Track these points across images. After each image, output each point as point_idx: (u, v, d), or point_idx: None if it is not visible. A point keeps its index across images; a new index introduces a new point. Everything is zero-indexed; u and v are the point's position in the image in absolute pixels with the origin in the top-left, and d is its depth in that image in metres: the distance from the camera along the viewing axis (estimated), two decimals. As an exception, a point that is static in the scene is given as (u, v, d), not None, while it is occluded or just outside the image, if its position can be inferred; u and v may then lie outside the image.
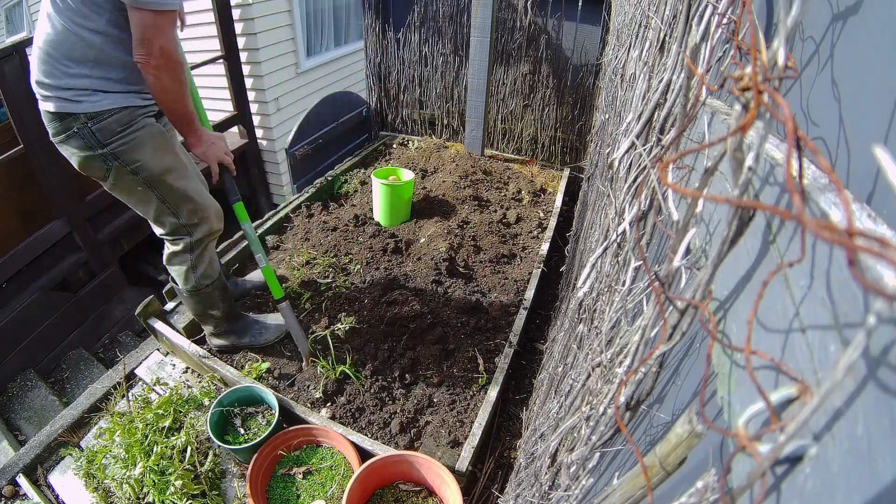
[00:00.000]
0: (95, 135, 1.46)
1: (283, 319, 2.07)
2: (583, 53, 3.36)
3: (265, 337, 2.08)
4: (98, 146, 1.47)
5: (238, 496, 1.69)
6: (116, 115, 1.47)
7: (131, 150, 1.52)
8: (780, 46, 0.27)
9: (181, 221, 1.71)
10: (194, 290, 1.87)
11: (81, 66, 1.40)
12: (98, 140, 1.47)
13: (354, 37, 5.86)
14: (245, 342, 2.06)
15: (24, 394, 3.05)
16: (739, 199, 0.24)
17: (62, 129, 1.45)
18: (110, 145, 1.48)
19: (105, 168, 1.52)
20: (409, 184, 2.83)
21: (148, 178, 1.58)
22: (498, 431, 2.05)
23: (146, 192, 1.61)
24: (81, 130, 1.44)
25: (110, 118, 1.46)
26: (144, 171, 1.56)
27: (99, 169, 1.53)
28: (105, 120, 1.46)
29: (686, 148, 0.62)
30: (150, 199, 1.64)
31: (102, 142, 1.47)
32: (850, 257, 0.18)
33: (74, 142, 1.47)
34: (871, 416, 0.22)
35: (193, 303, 1.93)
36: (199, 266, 1.83)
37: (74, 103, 1.42)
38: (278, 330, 2.10)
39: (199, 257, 1.82)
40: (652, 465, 0.40)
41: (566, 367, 1.09)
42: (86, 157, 1.49)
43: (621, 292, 0.64)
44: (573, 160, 3.78)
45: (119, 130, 1.48)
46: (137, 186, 1.59)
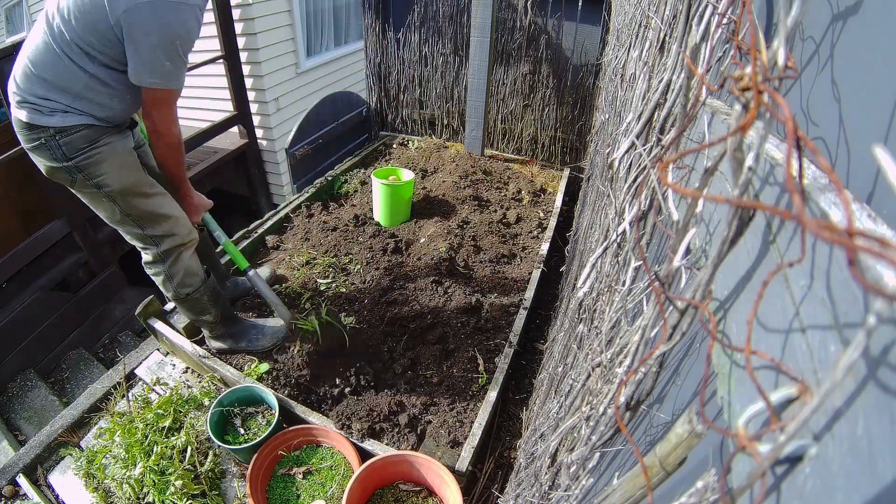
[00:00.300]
0: (62, 148, 1.49)
1: (281, 323, 2.08)
2: (583, 53, 3.36)
3: (262, 343, 2.06)
4: (63, 159, 1.50)
5: (238, 496, 1.69)
6: (84, 132, 1.50)
7: (94, 165, 1.55)
8: (780, 46, 0.27)
9: (146, 233, 1.72)
10: (186, 298, 1.87)
11: (62, 93, 1.44)
12: (64, 153, 1.50)
13: (354, 37, 5.86)
14: (242, 346, 2.05)
15: (24, 394, 3.05)
16: (739, 199, 0.24)
17: (32, 138, 1.48)
18: (75, 159, 1.51)
19: (70, 179, 1.56)
20: (409, 184, 2.83)
21: (110, 193, 1.61)
22: (498, 431, 2.05)
23: (110, 205, 1.64)
24: (48, 142, 1.47)
25: (77, 133, 1.49)
26: (106, 187, 1.59)
27: (64, 179, 1.57)
28: (72, 135, 1.48)
29: (686, 148, 0.62)
30: (114, 212, 1.66)
31: (68, 156, 1.50)
32: (850, 257, 0.18)
33: (41, 152, 1.50)
34: (871, 416, 0.22)
35: (185, 309, 1.95)
36: (175, 276, 1.82)
37: (45, 116, 1.45)
38: (275, 336, 2.08)
39: (172, 267, 1.81)
40: (652, 465, 0.40)
41: (566, 367, 1.09)
42: (52, 167, 1.52)
43: (621, 292, 0.64)
44: (573, 160, 3.78)
45: (84, 147, 1.51)
46: (102, 198, 1.62)
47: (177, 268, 1.82)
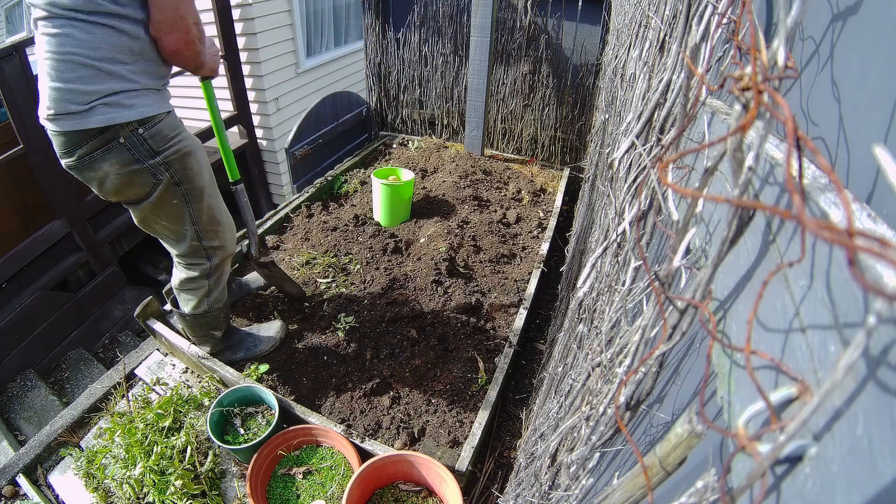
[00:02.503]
0: (147, 142, 1.29)
1: (276, 327, 2.08)
2: (583, 53, 3.37)
3: (260, 349, 2.05)
4: (148, 156, 1.30)
5: (238, 496, 1.69)
6: (166, 120, 1.33)
7: (182, 159, 1.38)
8: (780, 46, 0.27)
9: (203, 244, 1.61)
10: (204, 314, 1.80)
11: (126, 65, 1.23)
12: (151, 148, 1.30)
13: (354, 37, 5.86)
14: (240, 356, 2.03)
15: (24, 394, 3.05)
16: (739, 199, 0.24)
17: (100, 143, 1.24)
18: (164, 153, 1.32)
19: (152, 183, 1.34)
20: (409, 184, 2.83)
21: (189, 192, 1.44)
22: (498, 431, 2.05)
23: (181, 209, 1.47)
24: (129, 139, 1.26)
25: (161, 122, 1.31)
26: (188, 184, 1.43)
27: (143, 185, 1.34)
28: (157, 125, 1.30)
29: (686, 148, 0.62)
30: (183, 218, 1.49)
31: (155, 150, 1.31)
32: (850, 257, 0.18)
33: (116, 156, 1.26)
34: (871, 416, 0.22)
35: (198, 326, 1.86)
36: (215, 291, 1.77)
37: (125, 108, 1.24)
38: (271, 341, 2.07)
39: (216, 282, 1.75)
40: (652, 464, 0.40)
41: (566, 367, 1.09)
42: (130, 172, 1.29)
43: (621, 292, 0.64)
44: (573, 160, 3.78)
45: (172, 136, 1.34)
46: (174, 200, 1.43)
47: (219, 282, 1.76)
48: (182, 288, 1.74)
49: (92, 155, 1.26)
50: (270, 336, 2.07)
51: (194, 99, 4.95)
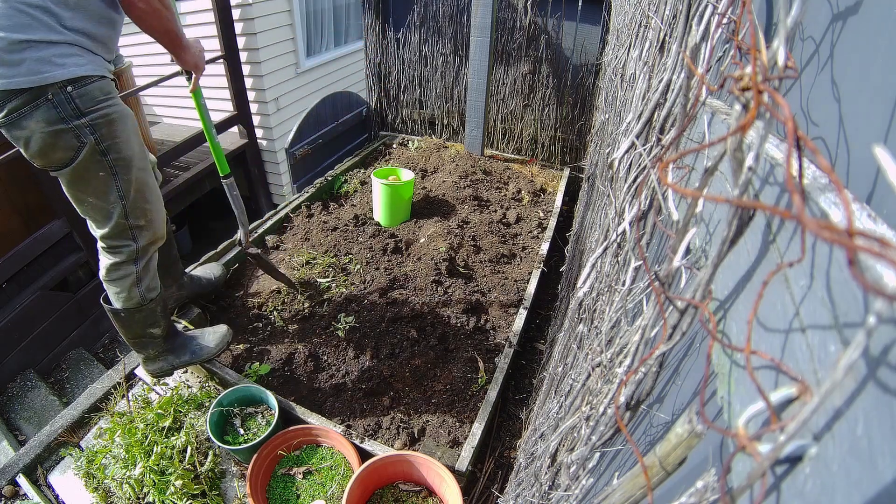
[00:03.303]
0: (75, 100, 1.25)
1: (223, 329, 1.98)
2: (583, 53, 3.37)
3: (206, 351, 1.91)
4: (74, 116, 1.26)
5: (238, 496, 1.69)
6: (98, 83, 1.29)
7: (110, 125, 1.34)
8: (780, 46, 0.27)
9: (129, 222, 1.52)
10: (137, 308, 1.67)
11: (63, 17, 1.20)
12: (77, 108, 1.26)
13: (354, 37, 5.86)
14: (185, 360, 1.88)
15: (24, 394, 3.05)
16: (739, 199, 0.24)
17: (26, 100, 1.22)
18: (90, 115, 1.28)
19: (76, 146, 1.30)
20: (409, 184, 2.83)
21: (116, 162, 1.39)
22: (498, 431, 2.05)
23: (107, 181, 1.41)
24: (56, 97, 1.23)
25: (92, 84, 1.28)
26: (114, 153, 1.37)
27: (66, 148, 1.30)
28: (88, 85, 1.27)
29: (686, 148, 0.62)
30: (109, 191, 1.42)
31: (82, 110, 1.27)
32: (850, 257, 0.18)
33: (42, 113, 1.24)
34: (871, 416, 0.22)
35: (133, 322, 1.71)
36: (145, 278, 1.65)
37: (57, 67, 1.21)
38: (220, 342, 1.94)
39: (145, 268, 1.65)
40: (652, 464, 0.40)
41: (566, 367, 1.09)
42: (54, 131, 1.26)
43: (621, 292, 0.64)
44: (573, 160, 3.78)
45: (101, 99, 1.30)
46: (100, 172, 1.38)
47: (148, 268, 1.66)
48: (109, 278, 1.62)
49: (21, 111, 1.23)
50: (217, 340, 1.94)
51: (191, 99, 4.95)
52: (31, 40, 1.18)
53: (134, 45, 4.62)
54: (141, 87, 3.43)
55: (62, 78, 1.23)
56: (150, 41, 1.52)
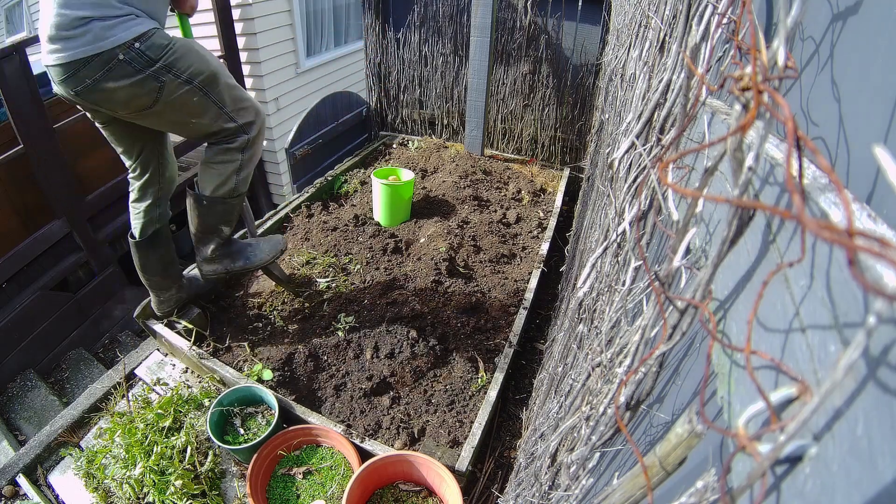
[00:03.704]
0: (146, 53, 1.40)
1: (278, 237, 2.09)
2: (583, 53, 3.37)
3: (260, 257, 1.99)
4: (148, 65, 1.42)
5: (238, 496, 1.69)
6: (157, 32, 1.45)
7: (182, 59, 1.48)
8: (780, 46, 0.27)
9: (239, 122, 1.66)
10: (225, 197, 1.78)
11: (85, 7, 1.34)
12: (149, 58, 1.41)
13: (354, 37, 5.86)
14: (239, 265, 1.97)
15: (24, 394, 3.05)
16: (739, 199, 0.24)
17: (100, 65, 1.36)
18: (162, 59, 1.43)
19: (157, 87, 1.45)
20: (409, 184, 2.83)
21: (204, 82, 1.53)
22: (498, 431, 2.05)
23: (203, 100, 1.56)
24: (128, 54, 1.38)
25: (154, 35, 1.43)
26: (200, 75, 1.52)
27: (149, 92, 1.46)
28: (151, 38, 1.41)
29: (686, 148, 0.62)
30: (208, 107, 1.58)
31: (154, 58, 1.42)
32: (850, 257, 0.18)
33: (118, 71, 1.38)
34: (871, 416, 0.22)
35: (212, 212, 1.82)
36: (246, 167, 1.76)
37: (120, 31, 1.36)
38: (273, 249, 2.03)
39: (250, 159, 1.76)
40: (652, 464, 0.40)
41: (566, 367, 1.09)
42: (134, 82, 1.41)
43: (621, 292, 0.64)
44: (573, 160, 3.78)
45: (165, 44, 1.45)
46: (193, 97, 1.53)
47: (252, 161, 1.77)
48: (213, 160, 1.72)
49: (95, 77, 1.38)
50: (270, 247, 2.03)
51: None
52: (92, 17, 1.33)
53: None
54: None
55: (127, 39, 1.37)
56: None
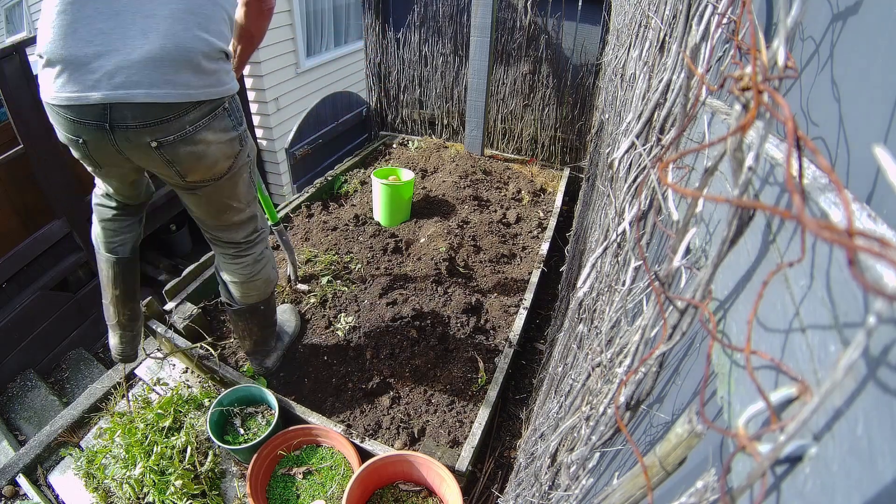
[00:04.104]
0: (237, 108, 1.28)
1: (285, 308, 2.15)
2: (583, 53, 3.37)
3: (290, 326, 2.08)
4: (239, 123, 1.29)
5: (238, 496, 1.69)
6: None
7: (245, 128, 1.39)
8: (780, 46, 0.27)
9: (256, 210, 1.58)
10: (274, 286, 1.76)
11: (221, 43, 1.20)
12: (240, 115, 1.29)
13: (354, 37, 5.86)
14: (286, 342, 2.04)
15: (24, 394, 3.05)
16: (739, 199, 0.24)
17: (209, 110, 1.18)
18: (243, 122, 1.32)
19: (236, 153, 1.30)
20: (409, 184, 2.83)
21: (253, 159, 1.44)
22: (498, 431, 2.05)
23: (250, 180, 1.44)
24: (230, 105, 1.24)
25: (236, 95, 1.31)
26: (253, 151, 1.42)
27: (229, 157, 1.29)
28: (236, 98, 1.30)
29: (686, 148, 0.62)
30: (251, 188, 1.45)
31: (241, 118, 1.30)
32: (850, 257, 0.18)
33: (220, 122, 1.21)
34: (871, 416, 0.22)
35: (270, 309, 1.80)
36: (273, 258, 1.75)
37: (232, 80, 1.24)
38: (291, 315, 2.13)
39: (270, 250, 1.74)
40: (652, 464, 0.40)
41: (566, 367, 1.09)
42: (228, 140, 1.26)
43: (621, 292, 0.64)
44: (573, 160, 3.78)
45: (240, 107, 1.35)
46: (246, 173, 1.41)
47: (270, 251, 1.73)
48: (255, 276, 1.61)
49: (198, 123, 1.17)
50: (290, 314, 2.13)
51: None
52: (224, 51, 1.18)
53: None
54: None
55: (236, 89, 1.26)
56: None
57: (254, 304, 1.72)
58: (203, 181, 1.30)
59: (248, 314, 1.74)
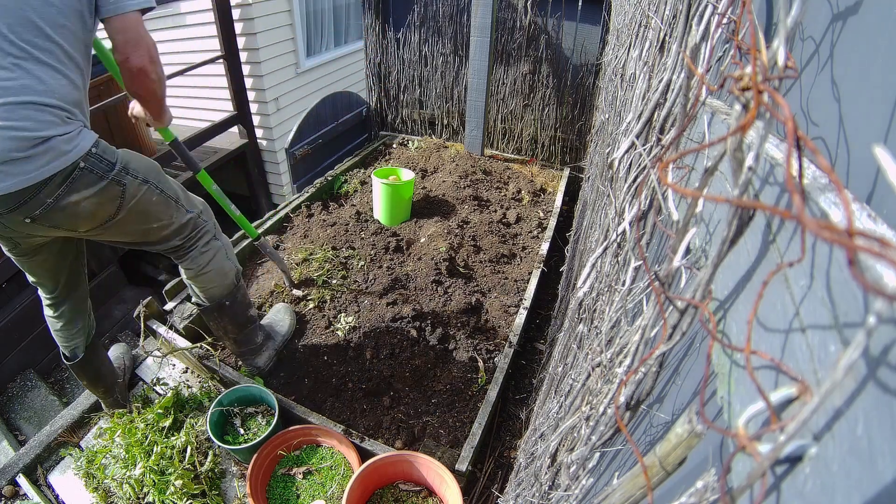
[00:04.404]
0: (104, 157, 1.30)
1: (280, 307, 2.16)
2: (583, 53, 3.37)
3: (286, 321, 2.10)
4: (109, 168, 1.31)
5: (238, 496, 1.69)
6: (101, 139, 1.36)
7: (132, 160, 1.40)
8: (780, 46, 0.27)
9: (193, 213, 1.60)
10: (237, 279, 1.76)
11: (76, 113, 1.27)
12: (108, 161, 1.31)
13: (354, 37, 5.86)
14: (279, 342, 2.04)
15: (24, 394, 3.05)
16: (739, 199, 0.24)
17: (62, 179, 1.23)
18: (118, 160, 1.34)
19: (120, 192, 1.35)
20: (409, 183, 2.83)
21: (157, 179, 1.46)
22: (498, 431, 2.05)
23: (162, 198, 1.47)
24: (88, 162, 1.27)
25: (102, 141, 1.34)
26: (151, 172, 1.44)
27: (112, 199, 1.34)
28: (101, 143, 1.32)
29: (686, 148, 0.62)
30: (167, 204, 1.50)
31: (112, 161, 1.32)
32: (850, 257, 0.18)
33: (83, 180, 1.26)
34: (871, 416, 0.22)
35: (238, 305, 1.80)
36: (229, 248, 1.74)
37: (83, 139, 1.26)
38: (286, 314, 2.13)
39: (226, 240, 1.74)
40: (652, 464, 0.40)
41: (566, 367, 1.09)
42: (97, 190, 1.30)
43: (621, 292, 0.64)
44: (573, 160, 3.78)
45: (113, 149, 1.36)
46: (153, 196, 1.44)
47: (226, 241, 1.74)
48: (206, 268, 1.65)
49: (57, 194, 1.24)
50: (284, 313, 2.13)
51: (194, 99, 4.95)
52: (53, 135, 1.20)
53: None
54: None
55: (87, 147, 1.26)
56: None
57: (219, 301, 1.74)
58: (100, 224, 1.37)
59: (216, 312, 1.77)
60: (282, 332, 2.07)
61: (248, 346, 1.92)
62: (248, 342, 1.91)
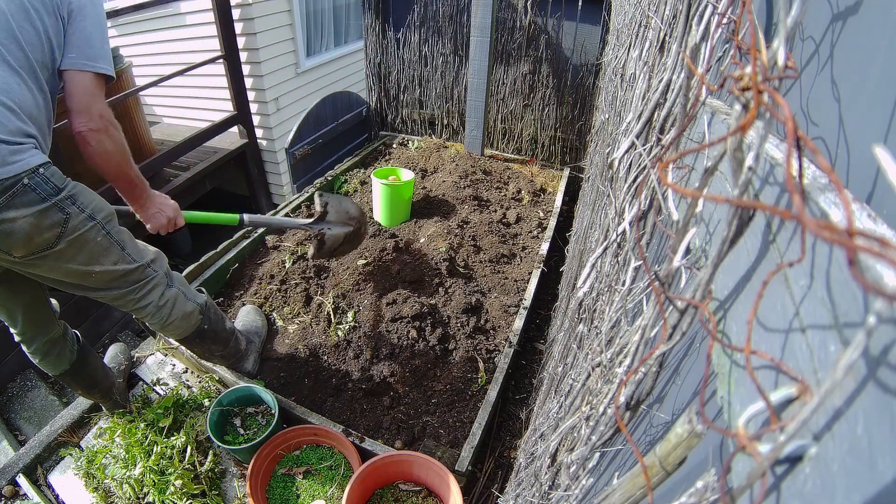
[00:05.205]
0: (51, 179, 1.23)
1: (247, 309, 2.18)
2: (583, 53, 3.37)
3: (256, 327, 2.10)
4: (54, 192, 1.24)
5: (238, 496, 1.69)
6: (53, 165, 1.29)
7: (82, 193, 1.32)
8: (780, 46, 0.27)
9: (142, 262, 1.49)
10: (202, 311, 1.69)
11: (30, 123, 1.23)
12: (55, 185, 1.24)
13: (354, 37, 5.86)
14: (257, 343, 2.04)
15: (24, 394, 3.05)
16: (739, 199, 0.24)
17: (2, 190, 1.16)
18: (66, 189, 1.27)
19: (62, 220, 1.26)
20: (409, 184, 2.83)
21: (106, 220, 1.37)
22: (498, 431, 2.05)
23: (107, 240, 1.38)
24: (33, 179, 1.19)
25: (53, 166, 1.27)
26: (101, 212, 1.35)
27: (52, 226, 1.25)
28: (52, 167, 1.26)
29: (686, 148, 0.62)
30: (111, 248, 1.39)
31: (59, 186, 1.25)
32: (850, 257, 0.18)
33: (22, 198, 1.18)
34: (871, 416, 0.22)
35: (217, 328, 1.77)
36: (184, 288, 1.66)
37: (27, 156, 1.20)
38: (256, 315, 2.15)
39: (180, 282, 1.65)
40: (652, 464, 0.40)
41: (566, 367, 1.09)
42: (38, 212, 1.21)
43: (621, 292, 0.64)
44: (573, 160, 3.78)
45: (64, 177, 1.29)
46: (98, 236, 1.35)
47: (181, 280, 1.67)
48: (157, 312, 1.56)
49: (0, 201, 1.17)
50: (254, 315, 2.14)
51: (194, 99, 4.95)
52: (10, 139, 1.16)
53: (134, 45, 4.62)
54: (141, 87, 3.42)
55: (34, 164, 1.20)
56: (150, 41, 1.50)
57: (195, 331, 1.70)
58: (35, 252, 1.27)
59: (197, 339, 1.74)
60: (259, 333, 2.10)
61: (235, 357, 1.93)
62: (234, 353, 1.92)
